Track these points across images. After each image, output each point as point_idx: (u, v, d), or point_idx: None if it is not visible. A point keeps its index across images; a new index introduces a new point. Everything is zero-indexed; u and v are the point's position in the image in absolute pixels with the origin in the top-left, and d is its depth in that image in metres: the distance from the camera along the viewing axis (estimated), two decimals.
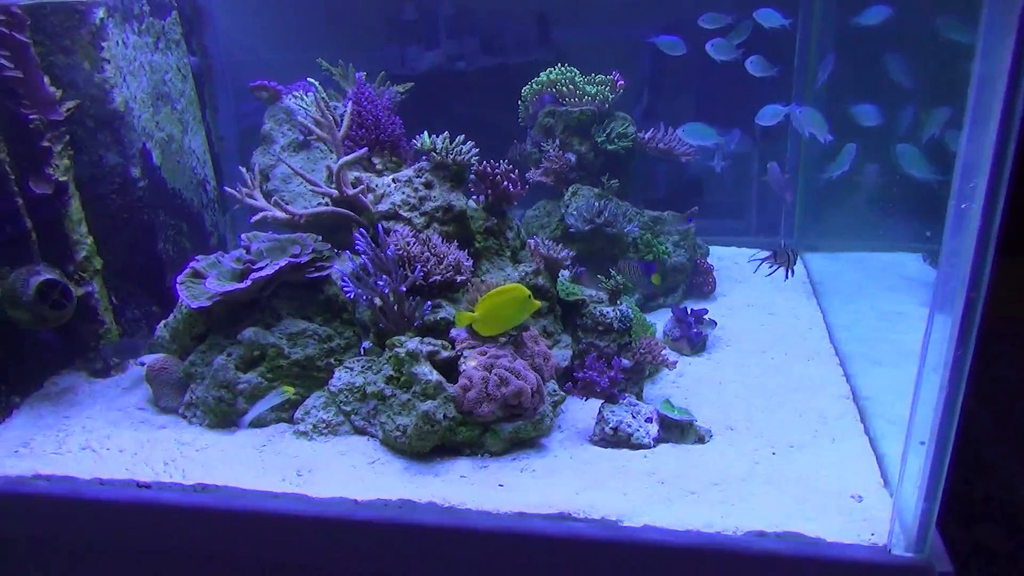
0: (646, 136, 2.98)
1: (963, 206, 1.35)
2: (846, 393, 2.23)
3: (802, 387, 2.27)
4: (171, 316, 2.31)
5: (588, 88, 2.91)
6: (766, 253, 2.44)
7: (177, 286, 2.19)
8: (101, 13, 2.22)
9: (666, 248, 2.86)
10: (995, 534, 2.06)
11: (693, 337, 2.52)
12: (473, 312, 2.04)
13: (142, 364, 2.41)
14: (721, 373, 2.40)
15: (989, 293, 1.36)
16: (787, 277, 2.41)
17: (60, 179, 2.23)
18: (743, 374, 2.38)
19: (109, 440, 2.09)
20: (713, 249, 3.20)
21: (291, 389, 2.07)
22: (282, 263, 2.12)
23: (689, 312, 2.56)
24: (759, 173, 3.41)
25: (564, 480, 1.85)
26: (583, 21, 3.27)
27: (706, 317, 2.58)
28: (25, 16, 2.12)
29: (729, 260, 3.26)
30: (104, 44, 2.24)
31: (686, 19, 2.88)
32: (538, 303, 2.09)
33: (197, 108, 2.78)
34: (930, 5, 2.25)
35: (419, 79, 2.99)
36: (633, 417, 2.02)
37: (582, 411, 2.14)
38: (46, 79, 2.18)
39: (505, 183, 2.34)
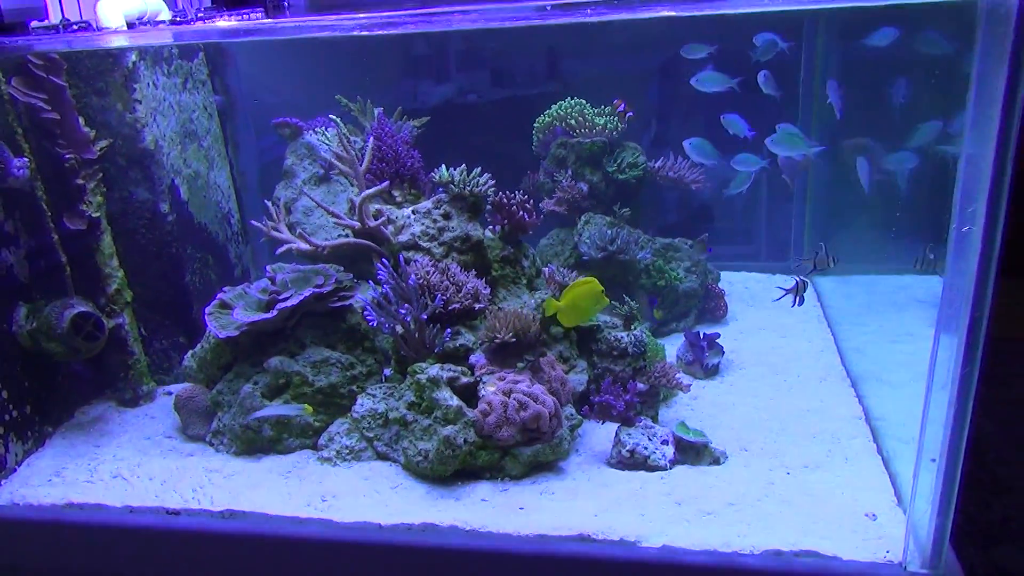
0: (656, 165, 3.06)
1: (964, 229, 1.40)
2: (858, 414, 2.26)
3: (815, 409, 2.31)
4: (198, 346, 2.38)
5: (598, 120, 3.00)
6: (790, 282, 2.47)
7: (206, 317, 2.26)
8: (134, 56, 2.32)
9: (677, 274, 2.92)
10: (1013, 556, 2.07)
11: (706, 361, 2.56)
12: (558, 301, 2.24)
13: (169, 394, 2.48)
14: (734, 396, 2.44)
15: (996, 313, 1.40)
16: (795, 303, 2.45)
17: (93, 215, 2.32)
18: (756, 396, 2.42)
19: (139, 468, 2.15)
20: (724, 274, 3.25)
21: (310, 408, 2.13)
22: (306, 293, 2.19)
23: (702, 336, 2.60)
24: (768, 198, 3.47)
25: (583, 502, 1.89)
26: (591, 54, 3.36)
27: (717, 342, 2.62)
28: (62, 61, 2.22)
29: (740, 285, 3.31)
30: (136, 86, 2.34)
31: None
32: (607, 300, 2.25)
33: (222, 145, 2.88)
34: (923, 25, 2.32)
35: (431, 113, 3.07)
36: (649, 440, 2.06)
37: (599, 434, 2.19)
38: (81, 120, 2.28)
39: (521, 213, 2.41)
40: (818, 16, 3.10)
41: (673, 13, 1.73)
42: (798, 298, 2.42)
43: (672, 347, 2.70)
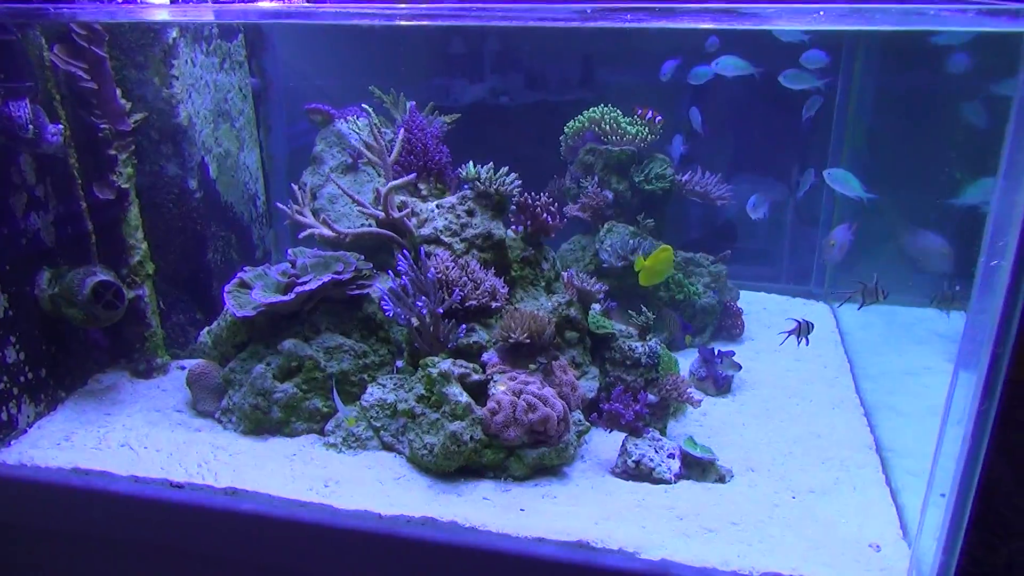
0: (683, 178, 3.05)
1: (993, 263, 1.38)
2: (869, 443, 2.24)
3: (825, 434, 2.28)
4: (215, 323, 2.40)
5: (629, 128, 2.99)
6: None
7: (224, 295, 2.28)
8: (174, 33, 2.35)
9: (696, 289, 2.90)
10: None
11: (719, 377, 2.55)
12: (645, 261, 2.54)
13: (183, 368, 2.50)
14: (745, 415, 2.42)
15: (1018, 354, 1.38)
16: (799, 344, 2.43)
17: (122, 186, 2.35)
18: (767, 417, 2.40)
19: (147, 439, 2.16)
20: (743, 293, 3.23)
21: (352, 421, 2.14)
22: (325, 279, 2.20)
23: (716, 353, 2.59)
24: (793, 222, 3.45)
25: (584, 509, 1.88)
26: (625, 64, 3.35)
27: (733, 359, 2.61)
28: (104, 32, 2.25)
29: (759, 305, 3.29)
30: (174, 62, 2.36)
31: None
32: (672, 268, 2.56)
33: (254, 127, 2.91)
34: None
35: (463, 111, 3.08)
36: (656, 452, 2.05)
37: (605, 443, 2.18)
38: (118, 92, 2.31)
39: (544, 215, 2.41)
40: (857, 42, 3.08)
41: (714, 25, 1.73)
42: (803, 339, 2.40)
43: (686, 362, 2.68)
